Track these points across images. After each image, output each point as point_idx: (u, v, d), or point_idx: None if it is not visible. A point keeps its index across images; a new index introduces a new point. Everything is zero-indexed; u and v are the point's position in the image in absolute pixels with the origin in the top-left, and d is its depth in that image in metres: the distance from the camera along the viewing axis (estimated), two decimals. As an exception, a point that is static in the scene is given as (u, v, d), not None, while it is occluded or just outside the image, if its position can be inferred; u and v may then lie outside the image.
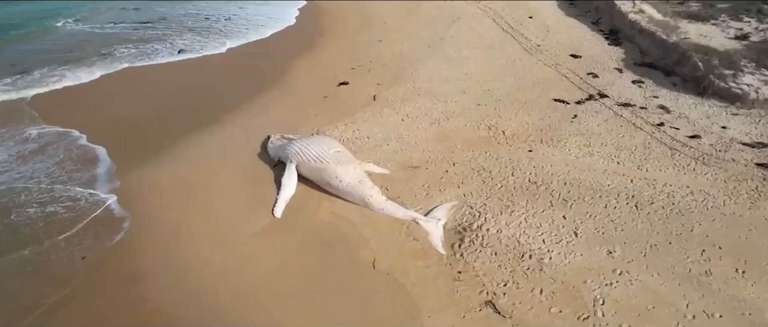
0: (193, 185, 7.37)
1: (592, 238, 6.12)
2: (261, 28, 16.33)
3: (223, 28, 16.25)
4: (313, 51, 14.99)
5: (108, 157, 8.24)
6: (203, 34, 15.46)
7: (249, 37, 15.33)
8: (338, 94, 11.08)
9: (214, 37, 15.27)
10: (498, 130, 9.14)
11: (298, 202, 6.89)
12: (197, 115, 10.00)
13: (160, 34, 15.40)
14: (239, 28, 16.39)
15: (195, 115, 10.05)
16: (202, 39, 14.97)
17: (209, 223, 6.51)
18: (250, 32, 15.85)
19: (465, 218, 6.51)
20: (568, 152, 8.25)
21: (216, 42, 14.83)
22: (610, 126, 9.29)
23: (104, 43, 14.32)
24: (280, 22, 16.79)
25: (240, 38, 15.24)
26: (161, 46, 14.06)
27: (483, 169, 7.70)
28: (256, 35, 15.54)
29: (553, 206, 6.72)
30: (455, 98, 10.67)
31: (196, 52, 13.75)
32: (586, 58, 13.38)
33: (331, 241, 6.16)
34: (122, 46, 13.98)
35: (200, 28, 16.34)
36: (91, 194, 7.19)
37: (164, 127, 9.50)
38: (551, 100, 10.61)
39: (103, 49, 13.69)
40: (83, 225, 6.52)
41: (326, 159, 7.08)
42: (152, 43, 14.31)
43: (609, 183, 7.25)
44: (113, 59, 12.91)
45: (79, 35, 15.38)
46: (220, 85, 12.01)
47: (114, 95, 11.06)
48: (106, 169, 7.90)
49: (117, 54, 13.30)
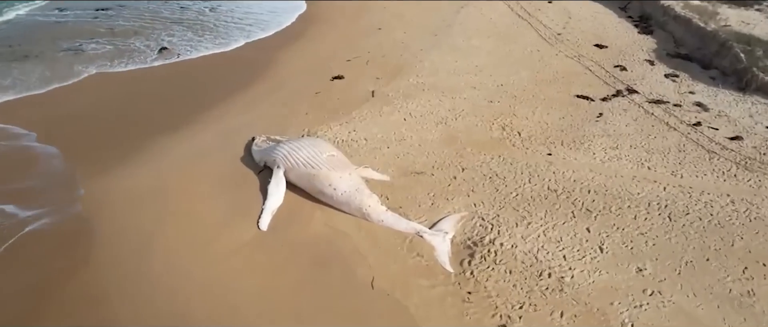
0: (168, 193, 7.39)
1: (619, 253, 6.15)
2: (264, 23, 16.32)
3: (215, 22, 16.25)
4: (303, 40, 15.06)
5: (64, 160, 8.25)
6: (193, 29, 15.43)
7: (252, 35, 15.25)
8: (332, 89, 11.13)
9: (206, 33, 15.20)
10: (513, 130, 9.19)
11: (286, 213, 6.92)
12: (171, 114, 10.04)
13: (137, 26, 15.33)
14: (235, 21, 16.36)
15: (169, 113, 10.09)
16: (193, 35, 14.91)
17: (186, 236, 6.53)
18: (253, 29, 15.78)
19: (476, 231, 6.54)
20: (593, 156, 8.30)
21: (210, 38, 14.76)
22: (640, 126, 9.35)
23: (67, 36, 14.20)
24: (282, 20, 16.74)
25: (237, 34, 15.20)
26: (140, 43, 13.93)
27: (496, 175, 7.75)
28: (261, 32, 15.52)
29: (576, 218, 6.75)
30: (464, 94, 10.72)
31: (184, 53, 13.53)
32: (613, 48, 13.46)
33: (323, 256, 6.19)
34: (92, 41, 13.83)
35: (188, 20, 16.32)
36: (45, 202, 7.20)
37: (134, 126, 9.53)
38: (573, 96, 10.67)
39: (65, 44, 13.55)
40: (34, 238, 6.52)
41: (318, 164, 7.12)
42: (130, 40, 14.17)
43: (639, 191, 7.29)
44: (79, 61, 12.57)
45: (36, 26, 15.24)
46: (197, 79, 12.06)
47: (73, 90, 11.10)
48: (66, 175, 7.92)
49: (84, 57, 12.85)
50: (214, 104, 10.56)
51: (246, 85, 11.57)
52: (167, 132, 9.33)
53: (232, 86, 11.48)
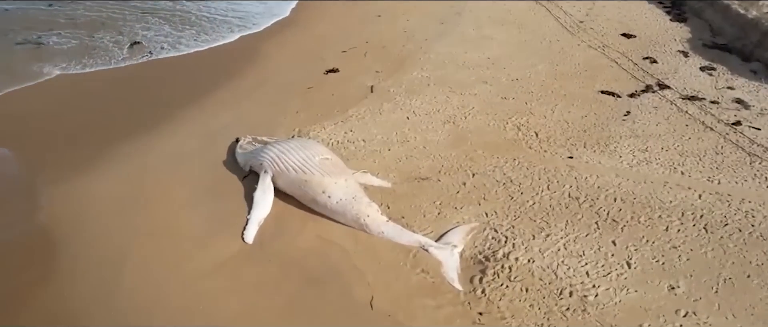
0: (140, 203, 7.44)
1: (649, 269, 6.19)
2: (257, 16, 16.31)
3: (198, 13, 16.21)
4: (292, 28, 15.12)
5: (21, 165, 8.29)
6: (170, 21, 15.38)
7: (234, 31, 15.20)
8: (326, 84, 11.19)
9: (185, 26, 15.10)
10: (529, 130, 9.26)
11: (274, 224, 6.96)
12: (143, 113, 10.08)
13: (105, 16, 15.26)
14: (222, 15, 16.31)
15: (140, 112, 10.13)
16: (171, 29, 14.83)
17: (161, 251, 6.57)
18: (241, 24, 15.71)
19: (488, 244, 6.59)
20: (619, 159, 8.35)
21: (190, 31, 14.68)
22: (673, 125, 9.41)
23: (20, 26, 14.05)
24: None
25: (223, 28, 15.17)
26: (109, 38, 13.85)
27: (510, 181, 7.80)
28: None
29: (600, 229, 6.80)
30: (475, 90, 10.79)
31: (160, 52, 13.36)
32: (642, 38, 13.54)
33: (316, 273, 6.22)
34: (52, 34, 13.73)
35: (164, 10, 16.21)
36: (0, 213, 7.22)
37: (101, 127, 9.57)
38: (597, 92, 10.74)
39: (20, 37, 13.42)
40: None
41: (311, 168, 7.17)
42: (97, 34, 14.08)
43: (671, 199, 7.34)
44: (37, 58, 12.32)
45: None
46: (172, 74, 12.11)
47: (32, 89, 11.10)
48: (24, 181, 7.94)
49: (43, 54, 12.59)
50: (192, 102, 10.60)
51: (228, 80, 11.61)
52: (139, 133, 9.37)
53: (211, 81, 11.52)
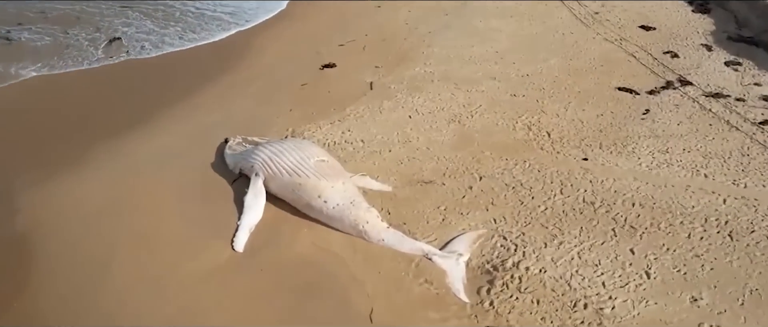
0: (123, 208, 7.46)
1: (669, 279, 6.21)
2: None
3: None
4: (286, 21, 15.18)
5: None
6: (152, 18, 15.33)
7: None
8: (322, 80, 11.23)
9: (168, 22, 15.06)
10: (541, 130, 9.29)
11: (267, 231, 6.98)
12: (125, 113, 10.12)
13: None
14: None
15: (122, 112, 10.18)
16: (153, 25, 14.78)
17: (145, 260, 6.58)
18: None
19: (496, 253, 6.61)
20: (638, 161, 8.37)
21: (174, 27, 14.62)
22: (695, 125, 9.42)
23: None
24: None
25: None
26: (85, 35, 13.77)
27: (520, 184, 7.83)
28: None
29: (617, 236, 6.82)
30: (482, 86, 10.83)
31: (140, 52, 13.21)
32: (662, 30, 13.57)
33: (312, 283, 6.24)
34: (23, 30, 13.65)
35: (145, 5, 16.09)
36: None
37: (81, 127, 9.62)
38: (614, 88, 10.77)
39: None
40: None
41: (305, 171, 7.19)
42: (72, 29, 14.02)
43: (693, 204, 7.36)
44: (7, 57, 12.25)
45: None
46: (156, 71, 12.15)
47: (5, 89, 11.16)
48: None
49: (13, 52, 12.51)
50: (177, 100, 10.65)
51: (216, 76, 11.66)
52: (121, 134, 9.41)
53: (198, 78, 11.58)
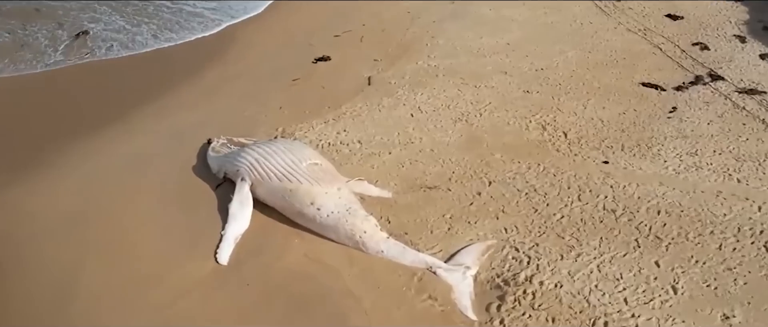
0: (93, 217, 7.45)
1: (698, 295, 6.23)
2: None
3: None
4: (275, 10, 15.21)
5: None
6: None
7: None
8: (315, 75, 11.28)
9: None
10: (556, 130, 9.34)
11: (254, 241, 6.99)
12: (97, 111, 10.12)
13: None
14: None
15: (91, 111, 10.16)
16: (124, 22, 14.58)
17: (118, 275, 6.58)
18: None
19: (507, 266, 6.64)
20: (664, 164, 8.42)
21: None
22: (727, 124, 9.47)
23: None
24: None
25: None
26: (46, 31, 13.64)
27: (534, 190, 7.88)
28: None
29: (641, 247, 6.86)
30: (492, 81, 10.88)
31: (107, 51, 12.89)
32: (691, 19, 13.63)
33: (304, 299, 6.25)
34: None
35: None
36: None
37: (43, 129, 9.61)
38: (637, 84, 10.82)
39: None
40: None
41: (297, 175, 7.23)
42: (32, 25, 13.85)
43: (725, 211, 7.40)
44: None
45: None
46: (132, 65, 12.18)
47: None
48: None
49: None
50: (154, 98, 10.66)
51: (197, 71, 11.70)
52: (88, 135, 9.42)
53: (177, 73, 11.61)
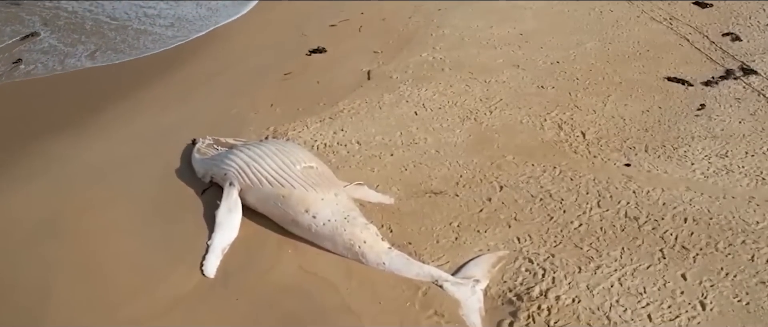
0: (65, 227, 7.43)
1: (729, 311, 6.25)
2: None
3: None
4: None
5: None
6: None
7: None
8: (309, 68, 11.30)
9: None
10: (574, 129, 9.37)
11: (243, 252, 7.02)
12: (64, 110, 10.10)
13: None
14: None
15: (60, 108, 10.15)
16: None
17: (93, 291, 6.57)
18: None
19: (520, 279, 6.66)
20: (691, 167, 8.44)
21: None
22: (761, 122, 9.50)
23: None
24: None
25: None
26: None
27: (549, 195, 7.90)
28: None
29: (666, 259, 6.87)
30: (503, 75, 10.91)
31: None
32: (721, 7, 13.67)
33: (298, 315, 6.25)
34: None
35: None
36: None
37: (9, 128, 9.61)
38: (662, 78, 10.85)
39: None
40: None
41: (290, 180, 7.25)
42: None
43: (757, 219, 7.41)
44: None
45: None
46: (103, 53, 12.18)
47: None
48: None
49: None
50: (130, 93, 10.68)
51: (179, 65, 11.72)
52: (55, 138, 9.42)
53: (156, 65, 11.62)
